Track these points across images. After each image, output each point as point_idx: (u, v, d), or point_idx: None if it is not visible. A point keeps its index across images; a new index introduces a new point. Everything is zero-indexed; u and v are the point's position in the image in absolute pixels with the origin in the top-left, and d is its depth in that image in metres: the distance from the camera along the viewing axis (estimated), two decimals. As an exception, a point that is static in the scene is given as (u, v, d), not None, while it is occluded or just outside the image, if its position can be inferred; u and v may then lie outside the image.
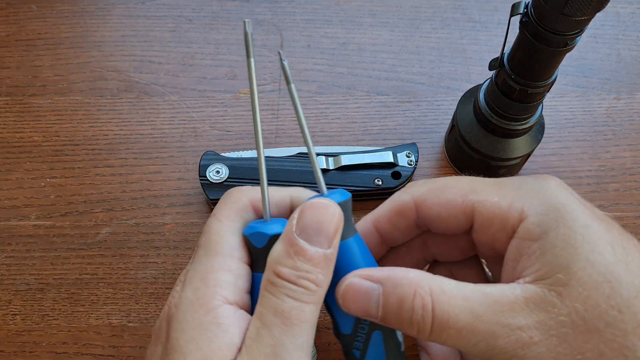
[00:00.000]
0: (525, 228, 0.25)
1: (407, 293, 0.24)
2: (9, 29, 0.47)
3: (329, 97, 0.44)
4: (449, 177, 0.28)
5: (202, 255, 0.26)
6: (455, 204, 0.27)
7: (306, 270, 0.24)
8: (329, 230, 0.25)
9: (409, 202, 0.28)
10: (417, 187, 0.28)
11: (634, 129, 0.43)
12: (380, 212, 0.29)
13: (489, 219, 0.26)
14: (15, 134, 0.42)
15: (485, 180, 0.27)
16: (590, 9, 0.26)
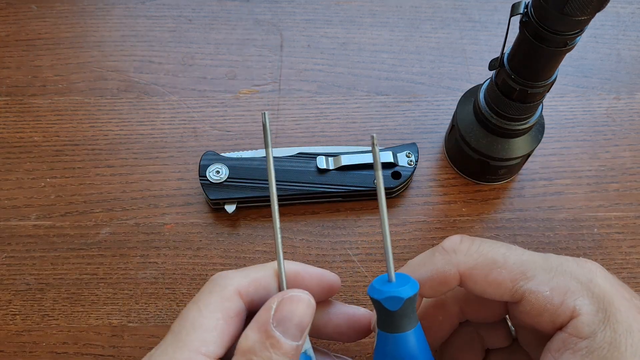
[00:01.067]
0: (574, 326, 0.25)
1: None
2: (9, 29, 0.47)
3: (329, 97, 0.44)
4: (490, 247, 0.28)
5: (169, 344, 0.25)
6: (504, 287, 0.27)
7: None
8: (303, 324, 0.25)
9: (453, 274, 0.27)
10: (461, 257, 0.28)
11: (634, 129, 0.43)
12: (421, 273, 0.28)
13: (538, 311, 0.26)
14: (15, 134, 0.42)
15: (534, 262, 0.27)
16: (590, 9, 0.26)
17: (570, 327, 0.25)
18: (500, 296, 0.27)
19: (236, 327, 0.26)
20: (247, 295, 0.27)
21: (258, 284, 0.27)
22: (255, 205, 0.40)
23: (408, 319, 0.27)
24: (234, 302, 0.26)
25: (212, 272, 0.38)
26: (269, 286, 0.27)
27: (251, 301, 0.27)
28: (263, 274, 0.27)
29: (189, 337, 0.25)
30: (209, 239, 0.39)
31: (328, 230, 0.39)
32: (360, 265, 0.38)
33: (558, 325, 0.26)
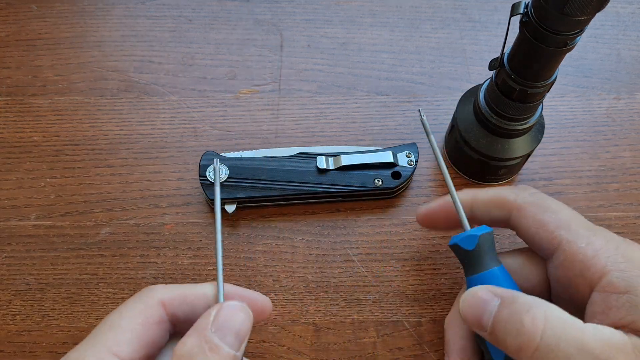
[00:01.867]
0: (609, 281, 0.26)
1: (522, 308, 0.26)
2: (9, 29, 0.47)
3: (329, 97, 0.44)
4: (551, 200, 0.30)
5: (84, 343, 0.26)
6: (547, 228, 0.29)
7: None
8: (241, 333, 0.26)
9: (511, 201, 0.30)
10: (524, 194, 0.30)
11: (634, 129, 0.43)
12: (482, 193, 0.32)
13: (571, 262, 0.28)
14: (15, 134, 0.42)
15: (582, 222, 0.29)
16: (590, 9, 0.26)
17: (606, 284, 0.26)
18: (539, 239, 0.29)
19: (155, 335, 0.26)
20: (171, 307, 0.27)
21: (183, 299, 0.28)
22: (255, 205, 0.40)
23: (488, 258, 0.29)
24: (155, 309, 0.27)
25: (212, 272, 0.38)
26: (194, 303, 0.28)
27: (174, 314, 0.27)
28: (191, 292, 0.28)
29: (104, 336, 0.25)
30: (209, 239, 0.39)
31: (328, 230, 0.39)
32: (360, 265, 0.38)
33: (588, 279, 0.27)
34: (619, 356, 0.24)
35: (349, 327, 0.36)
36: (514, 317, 0.26)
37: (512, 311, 0.26)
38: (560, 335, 0.24)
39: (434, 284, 0.38)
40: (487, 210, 0.32)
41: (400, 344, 0.36)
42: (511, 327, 0.25)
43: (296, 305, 0.37)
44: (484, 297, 0.27)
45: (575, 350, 0.24)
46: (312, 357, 0.35)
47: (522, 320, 0.25)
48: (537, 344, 0.25)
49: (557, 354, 0.24)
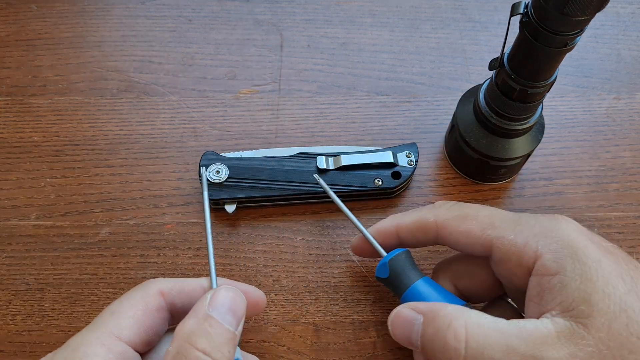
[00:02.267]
0: (542, 265, 0.27)
1: (443, 324, 0.26)
2: (9, 29, 0.47)
3: (329, 97, 0.44)
4: (468, 206, 0.31)
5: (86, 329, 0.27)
6: (474, 235, 0.29)
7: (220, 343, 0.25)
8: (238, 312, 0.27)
9: (431, 223, 0.31)
10: (442, 211, 0.31)
11: (634, 129, 0.43)
12: (404, 220, 0.33)
13: (506, 255, 0.28)
14: (15, 134, 0.42)
15: (503, 216, 0.30)
16: (590, 9, 0.26)
17: (539, 267, 0.27)
18: (471, 246, 0.30)
19: (155, 322, 0.28)
20: (169, 296, 0.29)
21: (181, 289, 0.29)
22: (255, 205, 0.40)
23: (407, 277, 0.31)
24: (155, 298, 0.28)
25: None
26: (192, 294, 0.29)
27: (172, 303, 0.29)
28: (189, 283, 0.30)
29: (106, 322, 0.27)
30: (209, 239, 0.39)
31: (328, 230, 0.39)
32: (360, 265, 0.38)
33: (525, 267, 0.27)
34: (544, 348, 0.24)
35: (349, 327, 0.36)
36: (437, 334, 0.26)
37: (435, 328, 0.27)
38: (482, 343, 0.25)
39: (434, 284, 0.38)
40: (412, 236, 0.33)
41: (400, 344, 0.36)
42: (437, 345, 0.26)
43: (296, 305, 0.37)
44: (408, 316, 0.28)
45: (501, 354, 0.25)
46: (312, 357, 0.35)
47: (445, 337, 0.26)
48: (464, 357, 0.25)
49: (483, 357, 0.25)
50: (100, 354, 0.25)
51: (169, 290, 0.29)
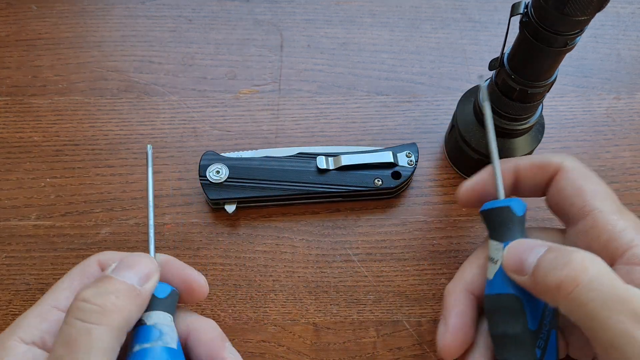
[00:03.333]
0: (634, 254, 0.26)
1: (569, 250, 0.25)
2: (9, 29, 0.47)
3: (329, 97, 0.44)
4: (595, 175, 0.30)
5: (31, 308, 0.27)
6: (582, 196, 0.29)
7: (106, 290, 0.25)
8: (141, 270, 0.26)
9: (556, 163, 0.31)
10: (570, 158, 0.31)
11: (634, 129, 0.43)
12: (525, 160, 0.32)
13: (599, 230, 0.28)
14: (15, 134, 0.42)
15: (615, 200, 0.29)
16: (590, 9, 0.26)
17: (630, 256, 0.26)
18: (571, 204, 0.29)
19: None
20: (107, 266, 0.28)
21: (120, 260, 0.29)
22: (255, 205, 0.40)
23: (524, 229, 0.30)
24: (92, 267, 0.29)
25: (212, 272, 0.38)
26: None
27: None
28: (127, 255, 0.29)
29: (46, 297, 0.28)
30: (209, 239, 0.39)
31: (328, 230, 0.39)
32: (360, 265, 0.38)
33: (611, 251, 0.27)
34: None
35: (349, 327, 0.36)
36: (560, 256, 0.25)
37: (559, 253, 0.26)
38: (604, 280, 0.24)
39: (434, 284, 0.38)
40: (532, 174, 0.31)
41: (400, 344, 0.36)
42: (557, 262, 0.25)
43: (296, 305, 0.37)
44: (532, 243, 0.27)
45: (616, 298, 0.24)
46: (312, 357, 0.35)
47: (570, 257, 0.25)
48: (581, 280, 0.24)
49: (597, 294, 0.24)
50: (35, 323, 0.26)
51: (107, 261, 0.29)
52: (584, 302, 0.24)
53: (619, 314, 0.23)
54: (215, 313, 0.37)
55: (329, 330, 0.36)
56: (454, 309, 0.30)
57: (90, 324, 0.24)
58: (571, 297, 0.24)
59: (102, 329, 0.24)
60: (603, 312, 0.24)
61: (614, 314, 0.23)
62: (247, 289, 0.37)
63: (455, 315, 0.30)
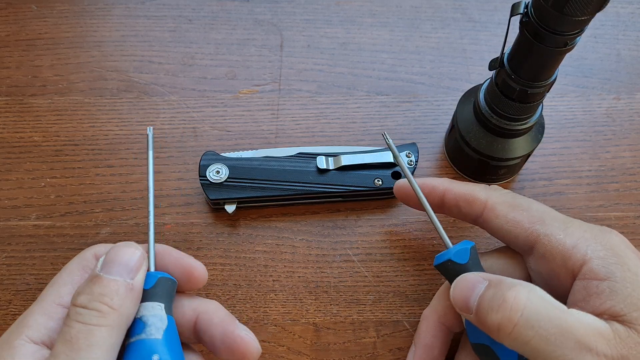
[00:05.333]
0: (589, 269, 0.26)
1: (506, 286, 0.26)
2: (9, 29, 0.47)
3: (329, 97, 0.44)
4: (521, 198, 0.31)
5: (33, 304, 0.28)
6: (521, 226, 0.29)
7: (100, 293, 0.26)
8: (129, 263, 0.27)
9: (481, 200, 0.31)
10: (495, 193, 0.31)
11: (634, 129, 0.43)
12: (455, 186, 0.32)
13: (552, 254, 0.28)
14: (15, 134, 0.42)
15: (555, 215, 0.29)
16: (590, 9, 0.26)
17: (586, 272, 0.27)
18: (515, 237, 0.29)
19: None
20: None
21: None
22: (255, 206, 0.40)
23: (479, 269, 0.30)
24: (91, 262, 0.29)
25: (212, 272, 0.38)
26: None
27: None
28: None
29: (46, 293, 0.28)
30: (209, 239, 0.39)
31: (328, 230, 0.39)
32: (360, 265, 0.38)
33: (570, 270, 0.27)
34: (600, 341, 0.24)
35: (349, 327, 0.36)
36: (497, 294, 0.26)
37: (497, 290, 0.26)
38: (542, 314, 0.24)
39: (434, 284, 0.38)
40: (456, 204, 0.32)
41: (400, 344, 0.36)
42: (494, 303, 0.25)
43: (296, 305, 0.37)
44: (473, 280, 0.28)
45: (557, 331, 0.24)
46: (312, 357, 0.35)
47: (504, 296, 0.25)
48: (517, 320, 0.24)
49: (537, 331, 0.24)
50: (42, 322, 0.26)
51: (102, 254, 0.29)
52: (526, 341, 0.24)
53: (563, 347, 0.24)
54: (215, 313, 0.37)
55: (329, 331, 0.36)
56: (424, 341, 0.32)
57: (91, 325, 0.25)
58: (512, 337, 0.25)
59: (103, 329, 0.25)
60: (547, 348, 0.24)
61: (558, 348, 0.24)
62: (247, 289, 0.37)
63: (423, 348, 0.32)
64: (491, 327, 0.25)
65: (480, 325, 0.26)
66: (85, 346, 0.24)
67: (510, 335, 0.25)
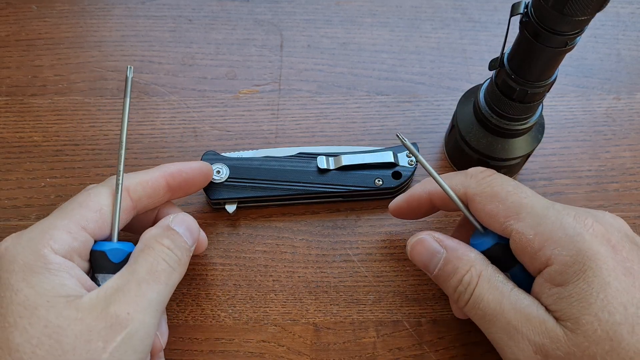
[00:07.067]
0: (548, 273, 0.28)
1: (463, 267, 0.29)
2: (9, 29, 0.47)
3: (329, 97, 0.44)
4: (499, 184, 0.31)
5: (54, 215, 0.29)
6: (496, 220, 0.30)
7: (180, 245, 0.30)
8: (193, 229, 0.31)
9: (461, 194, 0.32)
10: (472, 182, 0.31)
11: (634, 129, 0.43)
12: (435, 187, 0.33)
13: (521, 251, 0.29)
14: (15, 134, 0.42)
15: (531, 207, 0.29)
16: (590, 9, 0.26)
17: (545, 274, 0.28)
18: (493, 228, 0.30)
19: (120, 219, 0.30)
20: (135, 193, 0.31)
21: (146, 184, 0.32)
22: (256, 205, 0.40)
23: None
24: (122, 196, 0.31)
25: (212, 272, 0.38)
26: (155, 186, 0.32)
27: (139, 199, 0.32)
28: (151, 177, 0.32)
29: (73, 211, 0.29)
30: (209, 238, 0.39)
31: (328, 230, 0.39)
32: (360, 265, 0.38)
33: (537, 269, 0.29)
34: (528, 327, 0.27)
35: (349, 327, 0.36)
36: (455, 274, 0.30)
37: (455, 268, 0.30)
38: (485, 296, 0.28)
39: (434, 284, 0.38)
40: (445, 204, 0.34)
41: (400, 344, 0.36)
42: (452, 283, 0.30)
43: (296, 305, 0.37)
44: (431, 247, 0.31)
45: (492, 312, 0.28)
46: (312, 357, 0.35)
47: (461, 279, 0.29)
48: (466, 301, 0.29)
49: (481, 309, 0.28)
50: (67, 240, 0.28)
51: (135, 188, 0.31)
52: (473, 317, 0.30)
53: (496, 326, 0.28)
54: (215, 313, 0.37)
55: (329, 331, 0.36)
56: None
57: (171, 268, 0.29)
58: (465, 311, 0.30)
59: (177, 274, 0.30)
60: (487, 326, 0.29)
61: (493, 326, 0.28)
62: (247, 289, 0.37)
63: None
64: (450, 295, 0.31)
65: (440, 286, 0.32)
66: (165, 283, 0.29)
67: (464, 308, 0.30)
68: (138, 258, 0.29)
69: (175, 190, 0.34)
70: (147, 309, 0.27)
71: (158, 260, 0.29)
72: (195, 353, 0.35)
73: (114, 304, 0.26)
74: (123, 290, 0.27)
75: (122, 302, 0.27)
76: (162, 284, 0.28)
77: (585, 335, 0.25)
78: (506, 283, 0.29)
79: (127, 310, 0.26)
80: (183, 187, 0.34)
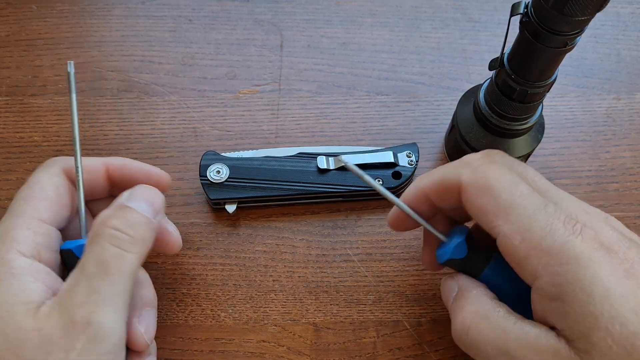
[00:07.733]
0: (540, 286, 0.25)
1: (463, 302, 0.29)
2: (9, 29, 0.47)
3: (329, 97, 0.44)
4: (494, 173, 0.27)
5: (5, 218, 0.28)
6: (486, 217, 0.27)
7: (133, 222, 0.27)
8: (154, 201, 0.29)
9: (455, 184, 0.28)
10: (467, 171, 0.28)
11: (634, 129, 0.43)
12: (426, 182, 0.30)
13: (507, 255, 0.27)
14: (15, 134, 0.42)
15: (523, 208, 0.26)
16: (590, 9, 0.26)
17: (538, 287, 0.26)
18: (482, 225, 0.28)
19: (64, 199, 0.29)
20: (72, 174, 0.30)
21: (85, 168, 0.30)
22: (256, 205, 0.40)
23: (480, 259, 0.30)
24: (60, 178, 0.30)
25: (212, 272, 0.38)
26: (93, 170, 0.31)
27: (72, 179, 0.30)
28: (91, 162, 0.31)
29: (23, 207, 0.28)
30: (209, 239, 0.39)
31: (328, 230, 0.39)
32: (360, 265, 0.38)
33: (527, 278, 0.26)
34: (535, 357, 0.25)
35: (349, 327, 0.36)
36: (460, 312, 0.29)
37: (460, 306, 0.29)
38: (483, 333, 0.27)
39: (434, 284, 0.38)
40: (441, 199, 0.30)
41: (400, 344, 0.36)
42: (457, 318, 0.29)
43: (296, 305, 0.37)
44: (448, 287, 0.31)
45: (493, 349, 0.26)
46: (312, 357, 0.35)
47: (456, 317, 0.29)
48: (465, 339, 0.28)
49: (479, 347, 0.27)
50: (29, 237, 0.27)
51: (71, 169, 0.30)
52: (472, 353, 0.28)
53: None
54: (216, 313, 0.37)
55: (329, 330, 0.36)
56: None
57: (123, 250, 0.26)
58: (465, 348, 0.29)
59: (132, 255, 0.27)
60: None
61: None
62: (247, 289, 0.37)
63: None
64: None
65: None
66: (117, 271, 0.26)
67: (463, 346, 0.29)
68: (86, 250, 0.26)
69: (117, 184, 0.32)
70: (104, 306, 0.25)
71: (105, 247, 0.26)
72: (195, 353, 0.35)
73: (68, 308, 0.25)
74: (74, 291, 0.25)
75: (75, 305, 0.25)
76: (114, 273, 0.26)
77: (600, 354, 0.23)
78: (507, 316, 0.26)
79: (81, 313, 0.25)
80: (126, 182, 0.32)
